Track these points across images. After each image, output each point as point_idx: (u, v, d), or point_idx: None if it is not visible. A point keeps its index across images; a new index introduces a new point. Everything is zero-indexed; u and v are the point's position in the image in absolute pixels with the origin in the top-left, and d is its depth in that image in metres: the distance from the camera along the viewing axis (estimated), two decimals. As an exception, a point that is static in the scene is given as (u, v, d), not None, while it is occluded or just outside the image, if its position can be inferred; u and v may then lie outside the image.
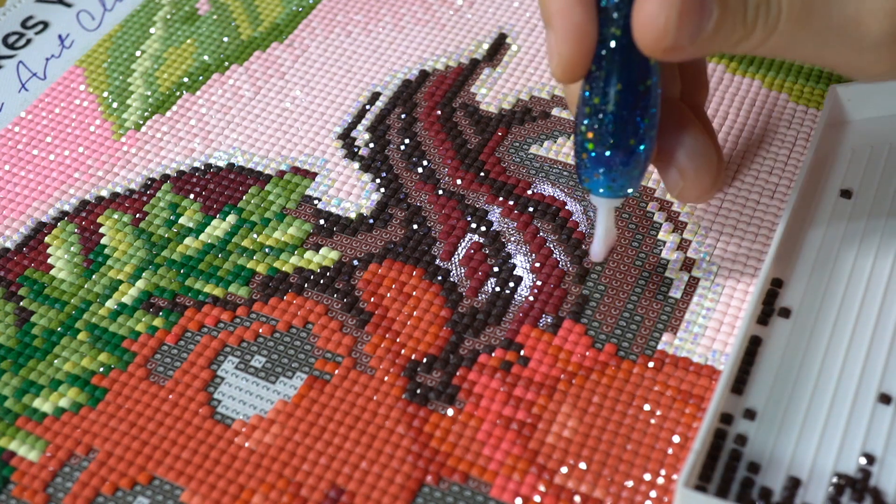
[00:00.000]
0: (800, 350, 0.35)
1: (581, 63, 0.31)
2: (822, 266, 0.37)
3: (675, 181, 0.35)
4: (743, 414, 0.33)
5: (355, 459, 0.33)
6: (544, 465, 0.33)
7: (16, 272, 0.40)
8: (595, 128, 0.32)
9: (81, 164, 0.44)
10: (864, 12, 0.30)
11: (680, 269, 0.38)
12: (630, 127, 0.32)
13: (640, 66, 0.31)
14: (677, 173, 0.35)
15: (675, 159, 0.35)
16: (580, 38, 0.30)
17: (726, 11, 0.29)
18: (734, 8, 0.30)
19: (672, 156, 0.35)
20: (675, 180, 0.35)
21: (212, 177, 0.43)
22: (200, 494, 0.33)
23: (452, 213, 0.40)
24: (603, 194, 0.34)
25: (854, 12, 0.30)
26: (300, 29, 0.49)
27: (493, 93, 0.45)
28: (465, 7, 0.50)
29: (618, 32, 0.30)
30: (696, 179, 0.35)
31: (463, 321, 0.37)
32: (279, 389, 0.36)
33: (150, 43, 0.49)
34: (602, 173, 0.33)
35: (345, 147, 0.44)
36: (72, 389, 0.36)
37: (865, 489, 0.31)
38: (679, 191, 0.36)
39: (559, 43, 0.31)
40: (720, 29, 0.30)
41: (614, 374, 0.35)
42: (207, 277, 0.39)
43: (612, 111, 0.31)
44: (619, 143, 0.32)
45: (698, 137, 0.35)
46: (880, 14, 0.30)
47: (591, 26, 0.30)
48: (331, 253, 0.40)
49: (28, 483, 0.34)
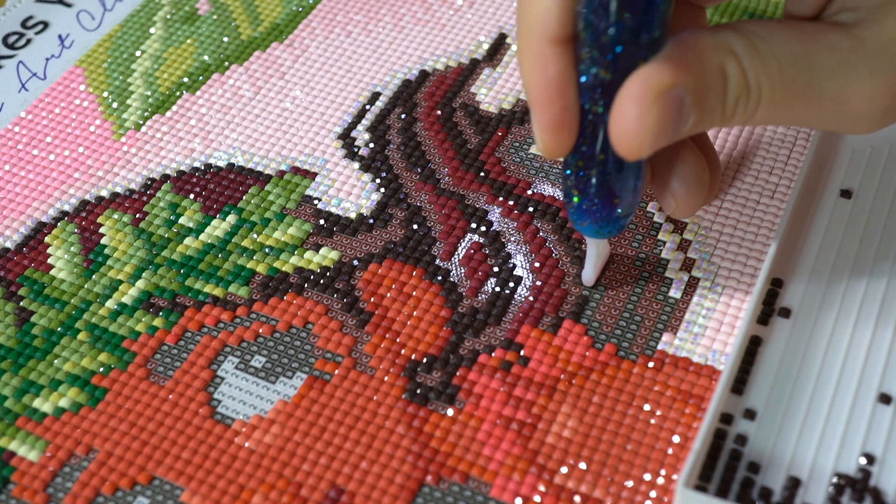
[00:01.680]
0: (800, 350, 0.35)
1: (563, 148, 0.31)
2: (822, 266, 0.37)
3: (669, 203, 0.36)
4: (743, 414, 0.33)
5: (355, 459, 0.33)
6: (544, 465, 0.33)
7: (16, 272, 0.40)
8: (580, 186, 0.32)
9: (81, 164, 0.44)
10: (849, 97, 0.30)
11: (680, 269, 0.38)
12: (615, 189, 0.32)
13: None
14: (670, 196, 0.35)
15: (668, 185, 0.35)
16: (560, 129, 0.30)
17: (704, 112, 0.29)
18: (712, 108, 0.29)
19: (666, 182, 0.35)
20: (669, 202, 0.36)
21: (212, 177, 0.43)
22: (200, 494, 0.33)
23: (452, 213, 0.40)
24: (591, 236, 0.34)
25: (838, 94, 0.30)
26: (300, 29, 0.49)
27: (493, 93, 0.45)
28: (465, 7, 0.50)
29: (599, 110, 0.30)
30: (687, 202, 0.36)
31: (463, 321, 0.37)
32: (279, 389, 0.36)
33: (150, 43, 0.49)
34: (588, 223, 0.33)
35: (345, 147, 0.44)
36: (72, 389, 0.36)
37: (865, 489, 0.31)
38: (672, 211, 0.36)
39: (541, 131, 0.31)
40: (697, 126, 0.30)
41: (614, 374, 0.35)
42: (207, 277, 0.39)
43: (595, 175, 0.32)
44: (603, 202, 0.32)
45: (690, 162, 0.35)
46: (864, 98, 0.30)
47: (572, 117, 0.30)
48: (331, 253, 0.40)
49: (28, 483, 0.34)
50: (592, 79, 0.29)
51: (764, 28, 0.30)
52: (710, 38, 0.29)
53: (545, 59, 0.29)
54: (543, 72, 0.29)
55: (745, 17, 0.47)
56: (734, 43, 0.29)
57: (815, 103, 0.30)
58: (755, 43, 0.29)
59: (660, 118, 0.28)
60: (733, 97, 0.30)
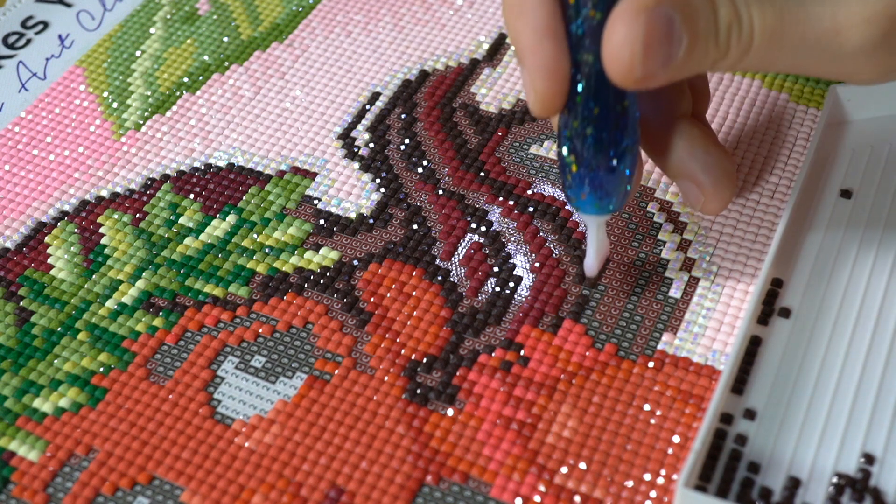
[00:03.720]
0: (800, 350, 0.35)
1: (557, 97, 0.31)
2: (822, 266, 0.37)
3: (696, 196, 0.36)
4: (743, 414, 0.33)
5: (355, 459, 0.33)
6: (544, 465, 0.33)
7: (16, 272, 0.40)
8: (576, 150, 0.32)
9: (81, 164, 0.44)
10: (841, 22, 0.29)
11: (680, 269, 0.38)
12: (611, 147, 0.32)
13: (616, 88, 0.31)
14: (696, 189, 0.35)
15: (692, 175, 0.35)
16: (553, 73, 0.30)
17: (696, 36, 0.29)
18: (704, 32, 0.29)
19: (688, 172, 0.35)
20: (696, 195, 0.36)
21: (212, 177, 0.43)
22: (200, 494, 0.33)
23: (452, 213, 0.40)
24: (590, 212, 0.34)
25: (830, 23, 0.29)
26: (300, 29, 0.49)
27: (493, 93, 0.45)
28: (465, 7, 0.50)
29: (590, 58, 0.30)
30: (716, 193, 0.35)
31: (463, 321, 0.37)
32: (279, 389, 0.36)
33: (150, 43, 0.49)
34: (588, 193, 0.33)
35: (345, 147, 0.44)
36: (72, 389, 0.36)
37: (865, 489, 0.31)
38: (701, 205, 0.36)
39: (534, 80, 0.30)
40: (692, 53, 0.29)
41: (614, 374, 0.35)
42: (207, 277, 0.39)
43: (591, 133, 0.31)
44: (601, 164, 0.32)
45: (711, 151, 0.35)
46: (858, 21, 0.29)
47: (564, 60, 0.30)
48: (331, 253, 0.40)
49: (28, 483, 0.34)
50: (582, 23, 0.29)
51: None
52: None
53: (532, 5, 0.29)
54: (532, 18, 0.29)
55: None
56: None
57: (810, 34, 0.29)
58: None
59: (648, 33, 0.28)
60: (725, 23, 0.29)
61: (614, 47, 0.28)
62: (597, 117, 0.31)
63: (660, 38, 0.28)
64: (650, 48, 0.28)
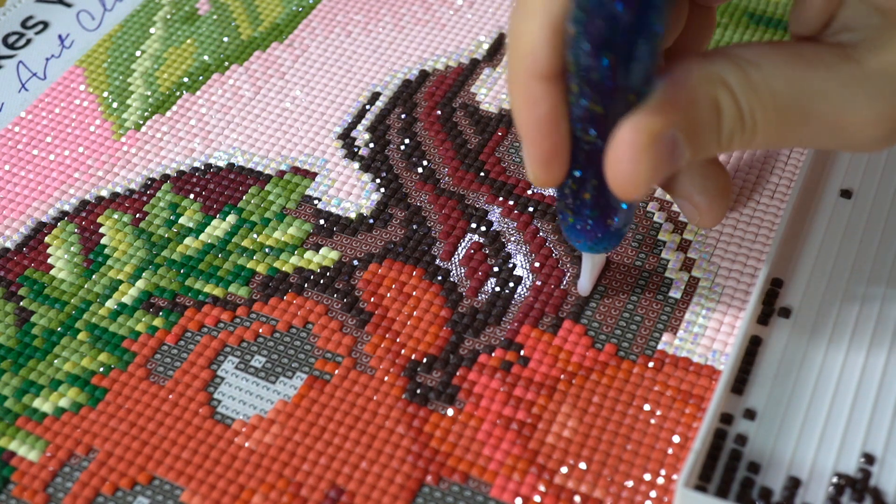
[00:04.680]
0: (800, 350, 0.35)
1: (555, 180, 0.31)
2: (822, 266, 0.37)
3: (692, 214, 0.36)
4: (743, 414, 0.33)
5: (355, 459, 0.33)
6: (544, 465, 0.33)
7: (16, 272, 0.40)
8: (574, 207, 0.32)
9: (81, 164, 0.44)
10: (848, 120, 0.29)
11: (680, 269, 0.38)
12: (608, 210, 0.32)
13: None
14: (693, 207, 0.35)
15: (688, 197, 0.35)
16: (552, 162, 0.30)
17: (699, 147, 0.29)
18: (706, 142, 0.29)
19: (685, 195, 0.35)
20: (692, 213, 0.36)
21: (212, 177, 0.43)
22: (200, 494, 0.33)
23: (452, 213, 0.40)
24: (586, 251, 0.34)
25: (835, 119, 0.29)
26: (300, 29, 0.49)
27: (493, 93, 0.45)
28: (465, 7, 0.50)
29: (592, 137, 0.29)
30: (711, 211, 0.35)
31: (463, 321, 0.37)
32: (279, 389, 0.36)
33: (150, 43, 0.49)
34: (583, 241, 0.33)
35: (345, 147, 0.44)
36: (72, 389, 0.36)
37: (865, 489, 0.31)
38: (697, 221, 0.36)
39: (533, 165, 0.30)
40: (694, 157, 0.30)
41: (614, 374, 0.35)
42: (207, 277, 0.39)
43: (589, 199, 0.32)
44: (597, 222, 0.32)
45: (708, 174, 0.35)
46: (864, 125, 0.29)
47: (564, 149, 0.30)
48: (331, 253, 0.40)
49: (28, 483, 0.34)
50: (583, 111, 0.29)
51: (757, 54, 0.29)
52: (700, 70, 0.29)
53: (535, 95, 0.29)
54: (534, 109, 0.29)
55: (746, 17, 0.47)
56: (726, 73, 0.29)
57: (814, 129, 0.29)
58: (747, 72, 0.29)
59: (654, 160, 0.28)
60: (728, 129, 0.29)
61: (620, 173, 0.28)
62: (596, 187, 0.31)
63: (664, 159, 0.28)
64: (655, 170, 0.28)
